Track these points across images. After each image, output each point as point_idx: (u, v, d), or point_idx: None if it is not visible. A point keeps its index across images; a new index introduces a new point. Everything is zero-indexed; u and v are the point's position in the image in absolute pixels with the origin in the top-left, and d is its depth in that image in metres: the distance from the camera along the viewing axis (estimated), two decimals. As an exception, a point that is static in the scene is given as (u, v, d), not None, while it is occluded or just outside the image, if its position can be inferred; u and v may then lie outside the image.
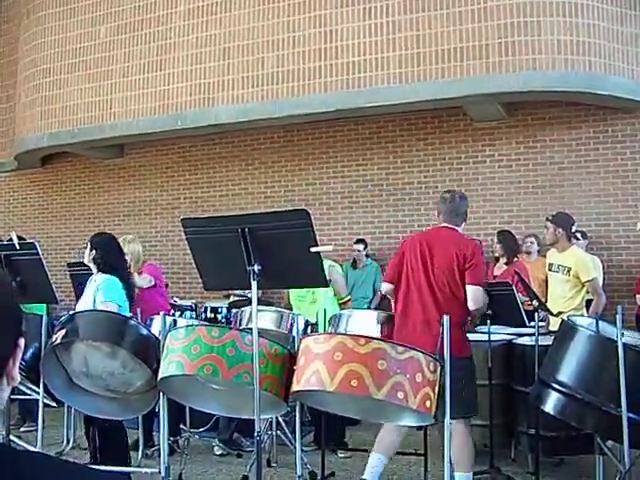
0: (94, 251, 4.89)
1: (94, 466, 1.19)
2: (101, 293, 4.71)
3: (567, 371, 3.91)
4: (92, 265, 4.91)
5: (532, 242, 8.03)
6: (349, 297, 6.64)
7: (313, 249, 3.47)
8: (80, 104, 9.98)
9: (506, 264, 7.45)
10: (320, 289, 6.14)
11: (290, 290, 6.16)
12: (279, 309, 5.55)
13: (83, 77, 10.01)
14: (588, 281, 5.90)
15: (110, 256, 4.91)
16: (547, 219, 6.19)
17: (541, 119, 8.92)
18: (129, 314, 4.80)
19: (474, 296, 4.39)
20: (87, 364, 4.15)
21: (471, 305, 4.39)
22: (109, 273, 4.83)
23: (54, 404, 4.83)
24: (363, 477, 4.45)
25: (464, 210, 4.80)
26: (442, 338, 3.50)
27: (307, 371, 3.36)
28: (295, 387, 3.45)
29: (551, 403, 3.99)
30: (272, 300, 8.77)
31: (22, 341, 1.12)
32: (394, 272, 4.65)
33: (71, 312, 4.62)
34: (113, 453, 4.63)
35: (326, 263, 6.37)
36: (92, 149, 10.89)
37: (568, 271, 5.95)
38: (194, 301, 8.02)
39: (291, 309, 6.37)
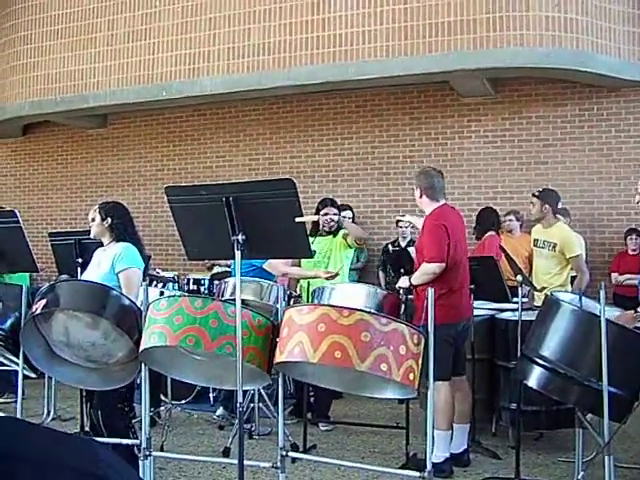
0: (109, 219, 4.65)
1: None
2: (123, 261, 4.52)
3: (550, 346, 3.90)
4: (107, 234, 4.67)
5: (511, 219, 8.03)
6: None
7: (298, 219, 3.42)
8: (63, 72, 9.82)
9: (477, 239, 7.51)
10: (338, 257, 6.14)
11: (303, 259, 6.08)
12: (260, 280, 5.49)
13: (66, 45, 9.85)
14: (572, 257, 5.92)
15: (128, 223, 4.75)
16: (533, 195, 6.18)
17: (527, 95, 8.88)
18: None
19: None
20: (68, 334, 4.09)
21: None
22: (126, 241, 4.64)
23: (34, 375, 4.77)
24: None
25: None
26: (427, 308, 3.49)
27: (290, 342, 3.32)
28: (278, 358, 3.42)
29: (534, 378, 3.98)
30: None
31: None
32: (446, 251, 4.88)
33: (52, 282, 4.54)
34: (120, 430, 4.48)
35: (340, 234, 6.35)
36: (75, 118, 10.75)
37: (553, 247, 5.96)
38: (176, 273, 7.96)
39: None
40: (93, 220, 4.72)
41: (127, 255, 4.58)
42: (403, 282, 5.05)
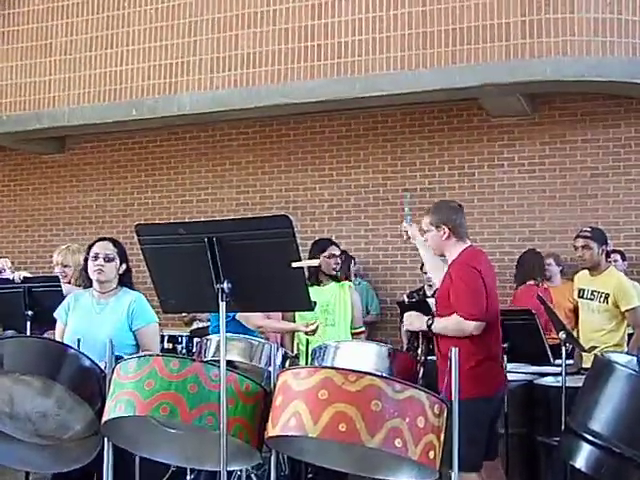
0: (124, 264, 4.85)
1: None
2: (143, 315, 4.72)
3: (602, 418, 3.88)
4: (114, 281, 4.80)
5: (550, 263, 8.04)
6: (363, 328, 6.63)
7: (295, 264, 3.44)
8: (10, 85, 9.89)
9: (516, 288, 7.57)
10: (340, 309, 6.14)
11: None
12: (249, 337, 5.51)
13: (14, 51, 9.93)
14: (628, 310, 5.91)
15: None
16: (581, 236, 6.11)
17: (572, 115, 8.95)
18: None
19: None
20: (12, 403, 4.07)
21: None
22: (131, 289, 4.85)
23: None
24: None
25: None
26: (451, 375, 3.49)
27: (285, 413, 3.32)
28: (271, 432, 3.41)
29: (583, 458, 3.95)
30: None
31: None
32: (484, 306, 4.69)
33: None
34: None
35: (346, 284, 6.40)
36: (25, 141, 10.81)
37: (605, 298, 5.96)
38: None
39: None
40: (108, 260, 4.76)
41: (146, 308, 4.76)
42: (415, 321, 4.83)
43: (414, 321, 4.83)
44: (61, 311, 4.87)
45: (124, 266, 4.85)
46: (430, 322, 4.71)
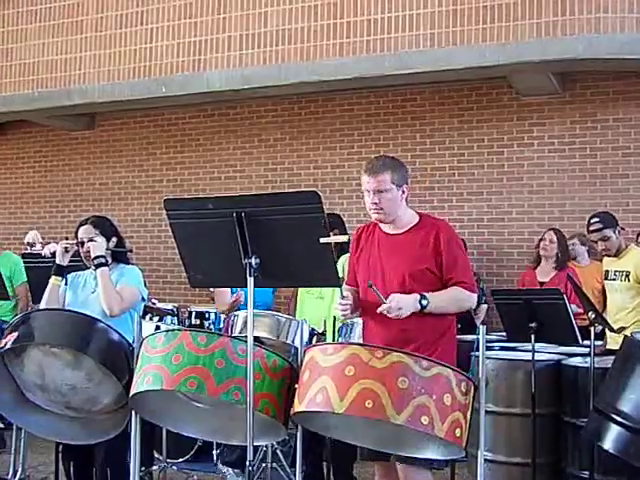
0: (115, 237, 4.86)
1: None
2: (125, 278, 4.73)
3: (631, 399, 3.85)
4: (105, 257, 4.71)
5: (574, 243, 7.92)
6: None
7: (323, 240, 3.43)
8: (42, 62, 9.92)
9: (556, 269, 7.46)
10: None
11: None
12: (276, 314, 5.53)
13: (46, 29, 9.95)
14: (649, 286, 5.87)
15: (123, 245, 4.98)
16: (595, 230, 5.96)
17: (603, 94, 8.85)
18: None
19: None
20: (43, 375, 4.12)
21: None
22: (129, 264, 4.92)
23: (0, 425, 4.80)
24: None
25: None
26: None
27: (312, 388, 3.31)
28: (297, 408, 3.41)
29: (610, 439, 3.93)
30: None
31: None
32: None
33: (24, 312, 4.56)
34: None
35: (344, 257, 6.35)
36: (56, 118, 10.87)
37: (627, 276, 5.92)
38: (176, 304, 7.98)
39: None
40: (90, 240, 4.75)
41: (133, 275, 4.77)
42: (409, 306, 3.90)
43: (407, 306, 3.91)
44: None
45: (114, 240, 4.86)
46: (425, 302, 3.93)
